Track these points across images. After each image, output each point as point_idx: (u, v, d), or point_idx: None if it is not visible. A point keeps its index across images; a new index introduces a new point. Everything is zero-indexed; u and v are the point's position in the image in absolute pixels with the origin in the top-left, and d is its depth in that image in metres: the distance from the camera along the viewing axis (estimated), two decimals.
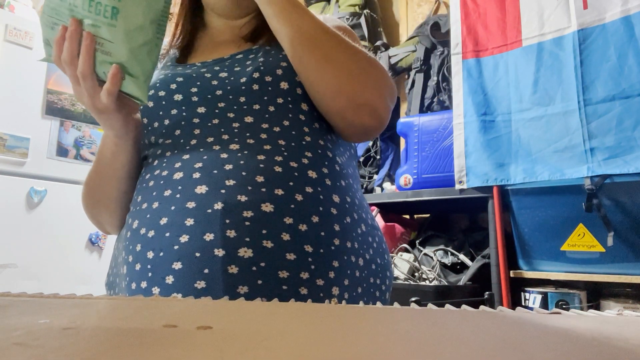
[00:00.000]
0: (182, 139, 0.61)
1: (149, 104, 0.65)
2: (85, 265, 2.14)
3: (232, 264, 0.51)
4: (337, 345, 0.25)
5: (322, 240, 0.56)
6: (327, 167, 0.61)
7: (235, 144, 0.58)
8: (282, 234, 0.54)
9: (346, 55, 0.62)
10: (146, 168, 0.64)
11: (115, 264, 0.65)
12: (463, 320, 0.34)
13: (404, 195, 1.75)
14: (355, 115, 0.63)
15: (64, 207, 2.07)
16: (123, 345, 0.24)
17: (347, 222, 0.60)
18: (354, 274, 0.59)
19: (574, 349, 0.25)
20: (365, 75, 0.63)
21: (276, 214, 0.54)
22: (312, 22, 0.63)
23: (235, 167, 0.56)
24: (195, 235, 0.52)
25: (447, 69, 1.91)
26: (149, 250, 0.54)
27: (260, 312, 0.37)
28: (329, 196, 0.59)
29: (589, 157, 1.36)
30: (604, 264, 1.32)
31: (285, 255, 0.53)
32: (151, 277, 0.53)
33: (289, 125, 0.61)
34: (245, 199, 0.54)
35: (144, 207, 0.57)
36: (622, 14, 1.37)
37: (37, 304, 0.37)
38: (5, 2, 2.17)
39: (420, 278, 1.60)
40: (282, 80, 0.63)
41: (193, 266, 0.52)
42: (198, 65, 0.68)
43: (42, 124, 2.09)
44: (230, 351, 0.23)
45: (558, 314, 0.38)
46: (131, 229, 0.58)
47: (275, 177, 0.56)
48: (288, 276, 0.53)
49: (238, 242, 0.52)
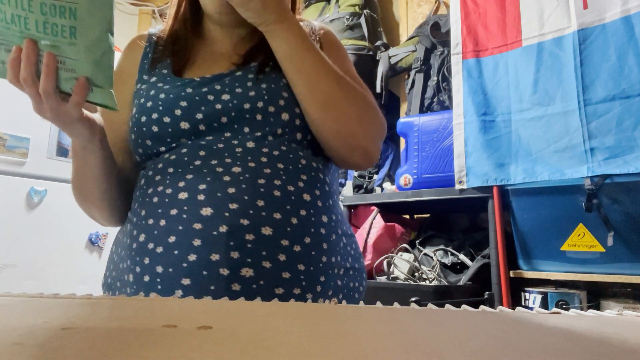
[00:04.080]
0: (187, 157, 0.64)
1: (153, 129, 0.66)
2: (85, 265, 2.14)
3: (235, 282, 0.58)
4: (337, 345, 0.25)
5: (313, 258, 0.62)
6: (318, 189, 0.68)
7: (238, 167, 0.62)
8: (279, 255, 0.60)
9: (346, 99, 0.68)
10: (146, 180, 0.66)
11: (115, 268, 0.67)
12: (463, 320, 0.34)
13: (404, 195, 1.75)
14: (350, 155, 0.71)
15: (64, 207, 2.07)
16: (123, 345, 0.24)
17: (333, 239, 0.67)
18: (336, 283, 0.66)
19: (574, 349, 0.25)
20: (361, 120, 0.69)
21: (274, 237, 0.60)
22: (315, 61, 0.67)
23: (237, 191, 0.60)
24: (202, 255, 0.58)
25: (447, 69, 1.91)
26: (158, 265, 0.59)
27: (260, 312, 0.37)
28: (320, 217, 0.66)
29: (589, 157, 1.36)
30: (604, 264, 1.32)
31: (281, 274, 0.60)
32: (160, 290, 0.58)
33: (286, 150, 0.66)
34: (247, 222, 0.59)
35: (150, 223, 0.61)
36: (622, 14, 1.37)
37: (37, 304, 0.37)
38: None
39: (420, 278, 1.60)
40: (283, 112, 0.67)
41: (200, 283, 0.57)
42: (197, 82, 0.68)
43: (42, 124, 2.09)
44: (230, 351, 0.23)
45: (558, 314, 0.38)
46: (137, 241, 0.62)
47: (274, 201, 0.61)
48: (283, 292, 0.59)
49: (241, 263, 0.58)
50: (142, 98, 0.69)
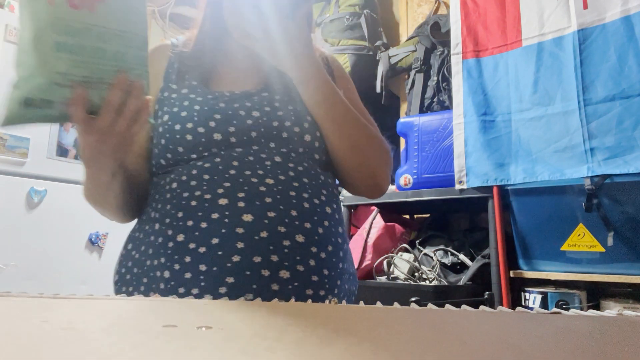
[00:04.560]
0: (221, 166, 0.70)
1: (187, 137, 0.71)
2: (85, 265, 2.14)
3: (274, 282, 0.64)
4: (337, 345, 0.25)
5: (334, 264, 0.71)
6: (335, 203, 0.77)
7: (270, 179, 0.69)
8: (310, 260, 0.68)
9: (368, 145, 0.78)
10: (180, 184, 0.70)
11: (136, 265, 0.71)
12: (463, 320, 0.34)
13: (404, 195, 1.74)
14: (365, 190, 0.84)
15: (64, 207, 2.07)
16: (123, 345, 0.24)
17: (345, 248, 0.76)
18: (345, 287, 0.74)
19: (574, 349, 0.25)
20: (379, 162, 0.81)
21: (306, 244, 0.68)
22: (344, 111, 0.77)
23: (273, 201, 0.68)
24: (245, 257, 0.64)
25: (447, 69, 1.91)
26: (201, 264, 0.64)
27: (260, 312, 0.37)
28: (337, 228, 0.74)
29: (589, 157, 1.36)
30: (604, 264, 1.32)
31: (311, 277, 0.67)
32: (203, 286, 0.63)
33: (307, 167, 0.74)
34: (283, 230, 0.67)
35: (190, 225, 0.66)
36: (622, 14, 1.37)
37: (37, 304, 0.37)
38: (5, 2, 2.17)
39: (420, 278, 1.60)
40: (306, 133, 0.75)
41: (243, 282, 0.63)
42: (228, 97, 0.75)
43: (42, 124, 2.09)
44: (230, 351, 0.23)
45: (558, 314, 0.38)
46: (174, 241, 0.66)
47: (304, 212, 0.69)
48: (312, 293, 0.67)
49: (279, 265, 0.65)
50: (175, 107, 0.74)
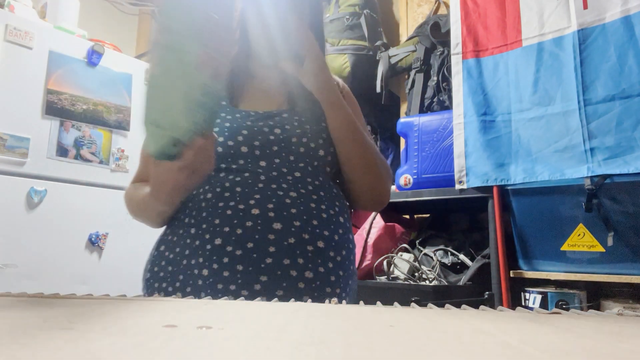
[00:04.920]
0: (250, 180, 0.80)
1: (218, 149, 0.81)
2: (85, 265, 2.14)
3: (301, 281, 0.75)
4: (337, 345, 0.25)
5: (347, 267, 0.82)
6: (346, 213, 0.87)
7: (293, 192, 0.80)
8: (329, 263, 0.79)
9: (378, 167, 0.88)
10: (215, 195, 0.79)
11: (171, 264, 0.80)
12: (463, 320, 0.34)
13: (404, 195, 1.74)
14: (371, 205, 0.96)
15: (64, 207, 2.06)
16: (123, 345, 0.24)
17: (354, 252, 0.87)
18: (353, 287, 0.86)
19: (574, 349, 0.25)
20: (387, 182, 0.91)
21: (325, 249, 0.79)
22: (362, 137, 0.87)
23: (297, 212, 0.78)
24: (276, 260, 0.75)
25: (447, 69, 1.91)
26: (238, 264, 0.74)
27: (260, 312, 0.37)
28: (348, 235, 0.86)
29: (589, 157, 1.36)
30: (604, 264, 1.32)
31: (330, 277, 0.78)
32: (240, 283, 0.73)
33: (323, 180, 0.85)
34: (307, 237, 0.77)
35: (227, 230, 0.76)
36: (622, 14, 1.37)
37: (37, 304, 0.37)
38: (5, 2, 2.17)
39: (420, 278, 1.60)
40: (320, 149, 0.85)
41: (275, 280, 0.74)
42: (254, 116, 0.86)
43: (42, 124, 2.09)
44: (230, 351, 0.23)
45: (558, 314, 0.38)
46: (212, 244, 0.76)
47: (323, 221, 0.80)
48: (330, 291, 0.78)
49: (305, 267, 0.76)
50: None
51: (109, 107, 2.30)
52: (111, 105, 2.31)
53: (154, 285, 0.81)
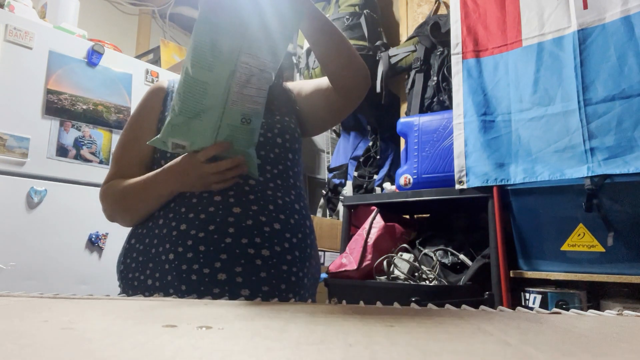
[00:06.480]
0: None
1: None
2: (85, 265, 2.14)
3: (258, 259, 0.82)
4: (337, 345, 0.25)
5: (303, 248, 0.90)
6: (302, 202, 0.96)
7: (252, 180, 0.88)
8: (285, 243, 0.86)
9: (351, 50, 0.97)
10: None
11: (142, 254, 0.87)
12: (463, 320, 0.34)
13: (404, 195, 1.74)
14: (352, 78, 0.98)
15: (64, 207, 2.06)
16: (123, 345, 0.24)
17: (312, 238, 0.95)
18: (312, 270, 0.92)
19: (574, 349, 0.25)
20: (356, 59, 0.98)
21: (281, 230, 0.86)
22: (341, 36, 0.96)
23: (255, 198, 0.86)
24: (235, 239, 0.82)
25: (447, 69, 1.91)
26: (201, 245, 0.81)
27: (260, 312, 0.37)
28: (304, 221, 0.93)
29: (589, 157, 1.36)
30: (604, 264, 1.32)
31: (286, 256, 0.86)
32: (202, 262, 0.80)
33: (282, 169, 0.93)
34: (264, 219, 0.85)
35: (191, 216, 0.83)
36: (622, 14, 1.37)
37: (37, 304, 0.38)
38: (5, 2, 2.17)
39: (420, 278, 1.59)
40: (277, 137, 0.94)
41: (234, 258, 0.81)
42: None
43: (42, 124, 2.08)
44: (230, 351, 0.23)
45: (558, 314, 0.38)
46: (178, 230, 0.83)
47: (279, 207, 0.88)
48: (287, 269, 0.85)
49: (261, 246, 0.83)
50: None
51: (109, 107, 2.30)
52: (111, 105, 2.31)
53: (127, 276, 0.88)
